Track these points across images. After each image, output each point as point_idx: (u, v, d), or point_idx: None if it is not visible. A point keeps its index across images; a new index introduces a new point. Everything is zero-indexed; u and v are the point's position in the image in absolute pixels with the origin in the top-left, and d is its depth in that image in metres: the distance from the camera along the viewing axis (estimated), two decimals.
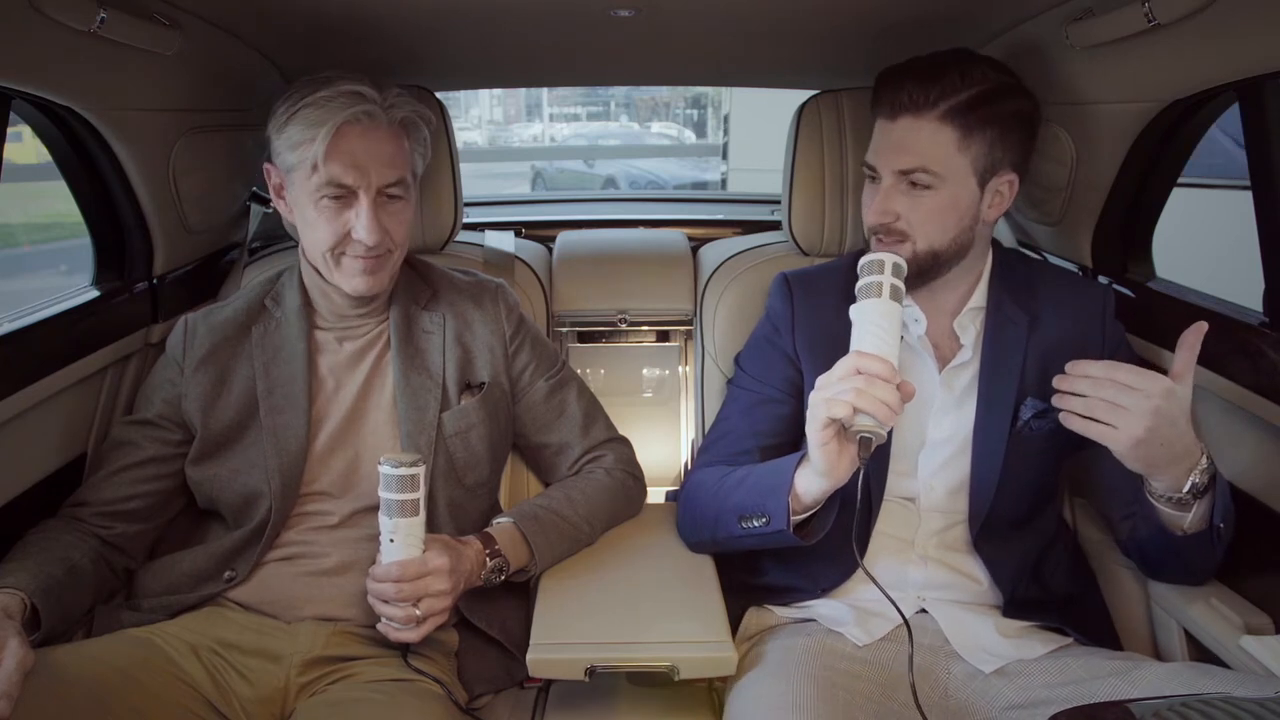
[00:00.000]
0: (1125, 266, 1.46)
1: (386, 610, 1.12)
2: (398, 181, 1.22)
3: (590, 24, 1.40)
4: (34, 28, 1.01)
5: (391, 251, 1.25)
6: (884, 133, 1.21)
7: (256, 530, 1.22)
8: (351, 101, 1.17)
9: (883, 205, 1.21)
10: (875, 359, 1.01)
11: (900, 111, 1.18)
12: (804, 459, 1.11)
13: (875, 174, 1.24)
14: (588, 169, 10.05)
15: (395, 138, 1.22)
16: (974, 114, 1.16)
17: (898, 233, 1.21)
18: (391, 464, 1.08)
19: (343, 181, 1.18)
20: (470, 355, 1.33)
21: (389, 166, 1.20)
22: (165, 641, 1.12)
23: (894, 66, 1.22)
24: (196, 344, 1.29)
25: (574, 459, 1.41)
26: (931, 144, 1.17)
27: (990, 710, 1.13)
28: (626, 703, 1.21)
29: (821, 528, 1.14)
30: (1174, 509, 1.10)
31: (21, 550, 1.15)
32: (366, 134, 1.19)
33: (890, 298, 1.05)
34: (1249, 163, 1.19)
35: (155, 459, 1.27)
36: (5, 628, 0.96)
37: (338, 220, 1.20)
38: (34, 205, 7.30)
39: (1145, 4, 1.06)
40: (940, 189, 1.18)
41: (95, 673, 1.02)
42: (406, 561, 1.11)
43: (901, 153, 1.19)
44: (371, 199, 1.19)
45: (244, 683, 1.13)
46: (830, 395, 1.01)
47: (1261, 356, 1.15)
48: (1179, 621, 1.23)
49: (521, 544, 1.24)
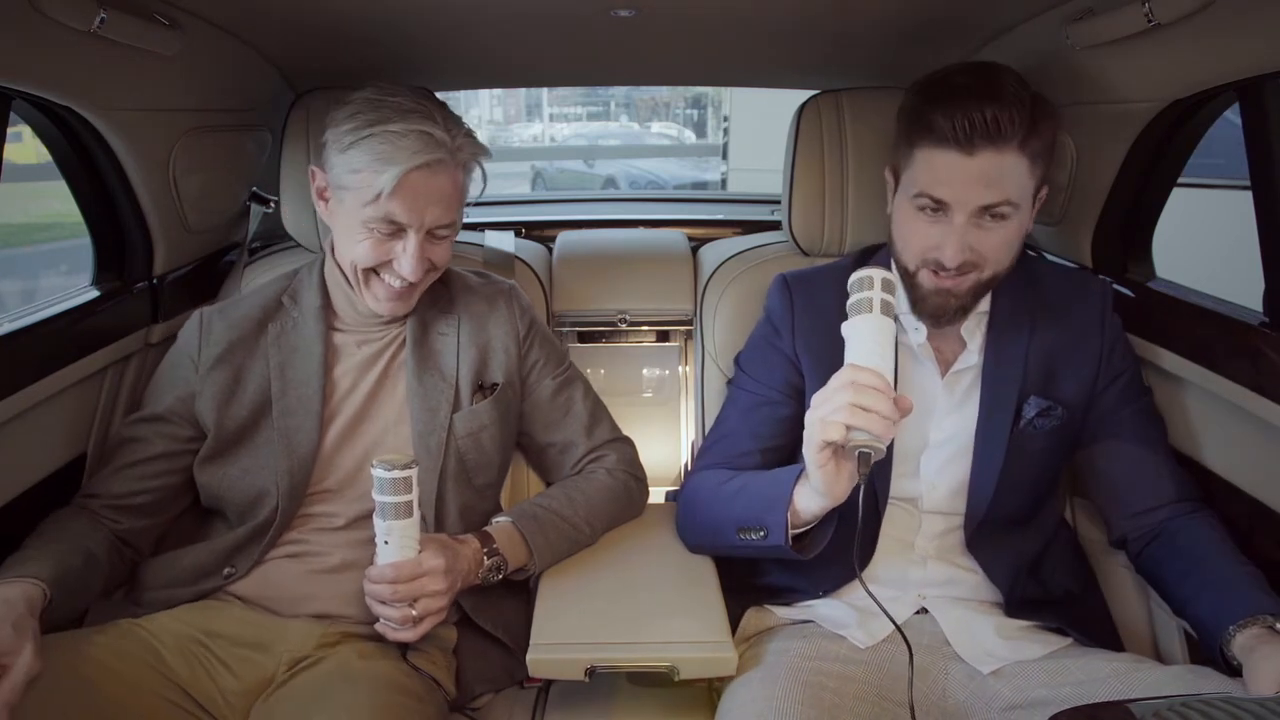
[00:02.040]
0: (1125, 266, 1.46)
1: (383, 610, 1.12)
2: (450, 224, 1.23)
3: (590, 24, 1.40)
4: (34, 28, 1.01)
5: (426, 276, 1.25)
6: (956, 165, 1.11)
7: (260, 528, 1.22)
8: (424, 146, 1.16)
9: (963, 243, 1.13)
10: (867, 371, 0.98)
11: (980, 144, 1.09)
12: (803, 473, 1.11)
13: (943, 207, 1.14)
14: (588, 169, 10.05)
15: (455, 180, 1.22)
16: (1039, 140, 1.12)
17: (970, 265, 1.15)
18: (385, 467, 1.08)
19: (398, 220, 1.18)
20: (485, 356, 1.34)
21: (445, 209, 1.21)
22: (151, 633, 1.12)
23: (941, 87, 1.14)
24: (212, 341, 1.29)
25: (577, 458, 1.41)
26: (1014, 176, 1.11)
27: (989, 711, 1.13)
28: (626, 703, 1.21)
29: (819, 543, 1.14)
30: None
31: (41, 537, 1.14)
32: (430, 179, 1.18)
33: (881, 313, 1.02)
34: (1249, 163, 1.19)
35: (164, 455, 1.26)
36: (24, 630, 0.97)
37: (382, 248, 1.20)
38: (34, 205, 7.30)
39: (1145, 4, 1.06)
40: (1014, 218, 1.14)
41: (72, 664, 1.02)
42: (401, 563, 1.11)
43: (987, 188, 1.11)
44: (421, 238, 1.20)
45: (228, 673, 1.13)
46: (824, 415, 0.99)
47: (1261, 356, 1.15)
48: (1179, 622, 1.23)
49: (520, 543, 1.24)
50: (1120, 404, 1.27)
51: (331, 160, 1.21)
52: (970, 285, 1.17)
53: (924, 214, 1.16)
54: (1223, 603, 1.08)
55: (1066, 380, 1.25)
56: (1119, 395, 1.27)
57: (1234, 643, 1.03)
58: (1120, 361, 1.27)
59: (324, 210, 1.27)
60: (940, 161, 1.12)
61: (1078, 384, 1.25)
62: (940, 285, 1.18)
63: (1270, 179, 1.16)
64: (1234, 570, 1.13)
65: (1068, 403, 1.24)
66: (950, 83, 1.14)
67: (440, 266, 1.26)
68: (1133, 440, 1.26)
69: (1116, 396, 1.26)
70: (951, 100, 1.11)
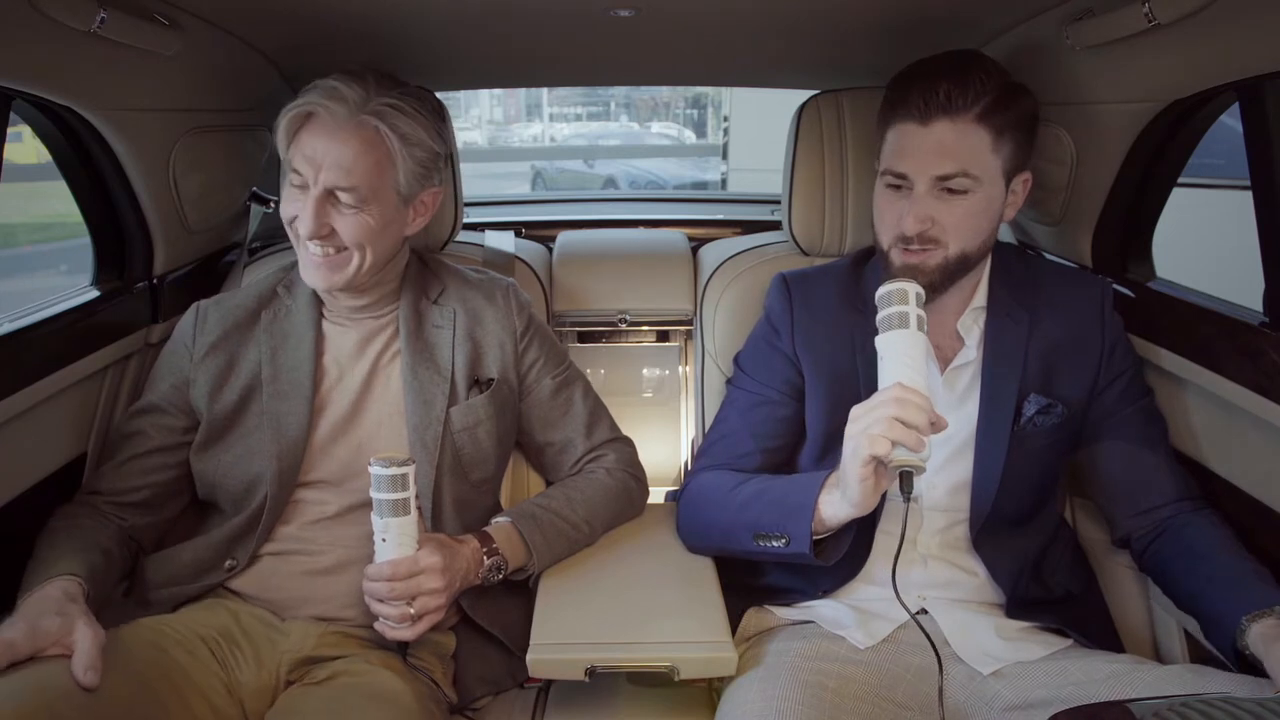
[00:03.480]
0: (1125, 266, 1.46)
1: (381, 609, 1.12)
2: (349, 188, 1.18)
3: (590, 24, 1.40)
4: (34, 28, 1.01)
5: (347, 252, 1.22)
6: (914, 137, 1.16)
7: (253, 517, 1.22)
8: (326, 96, 1.18)
9: (922, 213, 1.16)
10: (914, 391, 1.00)
11: (935, 114, 1.13)
12: (826, 482, 1.11)
13: (904, 181, 1.18)
14: (588, 169, 10.06)
15: (363, 141, 1.18)
16: (1004, 113, 1.14)
17: (931, 240, 1.17)
18: (382, 464, 1.08)
19: (297, 168, 1.19)
20: (480, 351, 1.34)
21: (343, 172, 1.18)
22: (175, 632, 1.13)
23: (911, 68, 1.19)
24: (207, 329, 1.30)
25: (577, 458, 1.41)
26: (970, 146, 1.14)
27: (989, 712, 1.13)
28: (626, 703, 1.22)
29: (839, 549, 1.14)
30: None
31: (55, 538, 1.15)
32: (330, 134, 1.18)
33: (917, 328, 1.03)
34: (1249, 163, 1.19)
35: (161, 448, 1.27)
36: (70, 611, 0.99)
37: (293, 204, 1.21)
38: (34, 205, 7.31)
39: (1145, 4, 1.06)
40: (976, 192, 1.16)
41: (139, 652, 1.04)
42: (398, 560, 1.11)
43: (941, 157, 1.14)
44: (318, 194, 1.18)
45: (233, 671, 1.14)
46: (866, 429, 1.00)
47: (1261, 356, 1.15)
48: (1179, 621, 1.23)
49: (519, 543, 1.24)
50: (1121, 404, 1.27)
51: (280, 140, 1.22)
52: (938, 262, 1.18)
53: (891, 191, 1.21)
54: (1233, 595, 1.08)
55: (1066, 378, 1.25)
56: (1120, 395, 1.27)
57: (1248, 634, 1.03)
58: (1121, 361, 1.27)
59: None
60: (902, 135, 1.17)
61: (1078, 383, 1.25)
62: (907, 261, 1.19)
63: (1270, 179, 1.16)
64: (1241, 565, 1.13)
65: (1068, 401, 1.24)
66: (921, 64, 1.19)
67: (352, 245, 1.21)
68: (1135, 440, 1.26)
69: (1117, 396, 1.27)
70: (915, 77, 1.17)
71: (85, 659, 0.95)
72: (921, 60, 1.20)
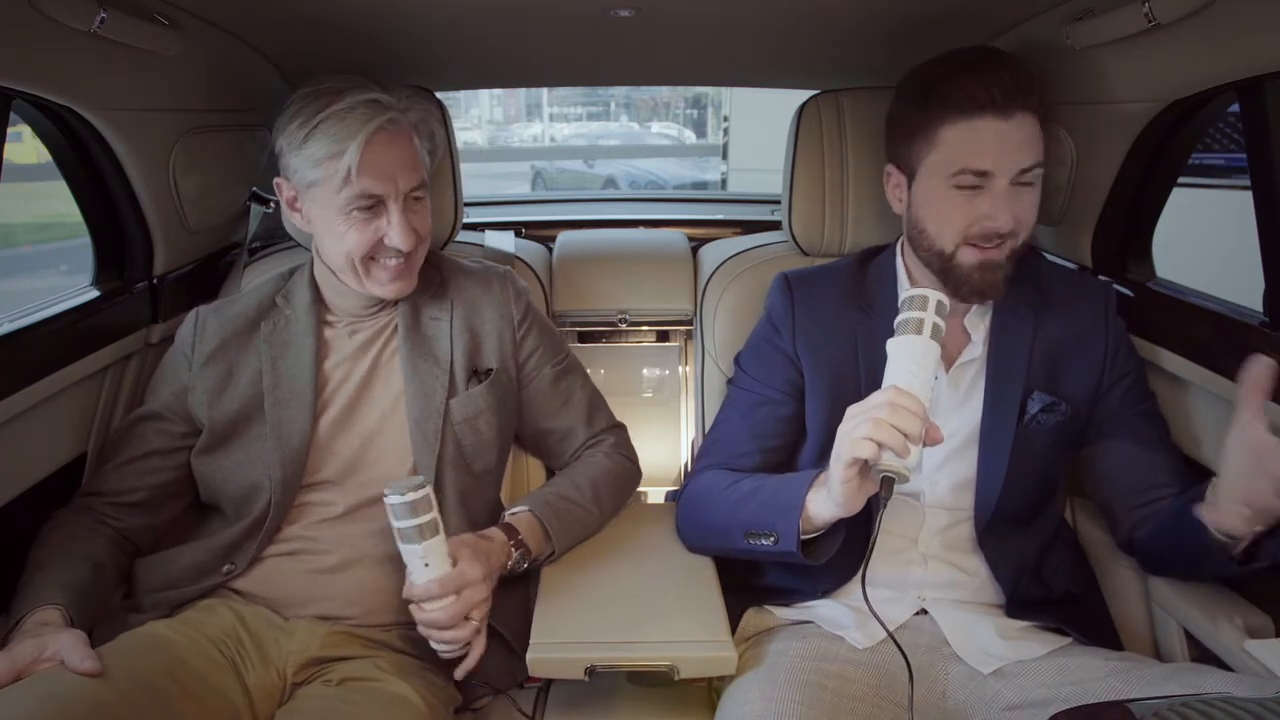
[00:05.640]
0: (1125, 267, 1.46)
1: (445, 636, 1.11)
2: (420, 184, 1.24)
3: (590, 24, 1.40)
4: (34, 28, 1.01)
5: (418, 249, 1.26)
6: (992, 133, 1.13)
7: (255, 523, 1.22)
8: (374, 111, 1.17)
9: (1010, 209, 1.14)
10: (909, 396, 0.98)
11: (1012, 107, 1.12)
12: (815, 481, 1.11)
13: (983, 179, 1.15)
14: (588, 169, 10.04)
15: (412, 140, 1.24)
16: (1043, 105, 1.16)
17: (1008, 234, 1.16)
18: (398, 493, 1.05)
19: (374, 192, 1.18)
20: (479, 341, 1.34)
21: (413, 171, 1.22)
22: (183, 636, 1.12)
23: (948, 65, 1.17)
24: (206, 338, 1.30)
25: (578, 445, 1.43)
26: (1038, 137, 1.16)
27: (989, 711, 1.12)
28: (626, 702, 1.22)
29: (829, 549, 1.14)
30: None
31: (45, 553, 1.15)
32: (392, 142, 1.19)
33: (930, 336, 1.02)
34: (1249, 163, 1.19)
35: (158, 451, 1.27)
36: (43, 632, 1.01)
37: (369, 229, 1.21)
38: (34, 205, 7.30)
39: (1145, 4, 1.06)
40: (1037, 184, 1.18)
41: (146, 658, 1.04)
42: (445, 578, 1.09)
43: (1023, 150, 1.14)
44: (401, 206, 1.20)
45: (240, 673, 1.13)
46: (855, 431, 0.99)
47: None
48: (1179, 621, 1.23)
49: (540, 532, 1.26)
50: (1124, 405, 1.26)
51: (292, 164, 1.21)
52: (1009, 253, 1.18)
53: (962, 191, 1.17)
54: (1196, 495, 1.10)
55: (1070, 377, 1.25)
56: (1123, 397, 1.26)
57: (1204, 513, 1.06)
58: (1124, 363, 1.27)
59: (301, 221, 1.27)
60: (975, 131, 1.14)
61: (1081, 382, 1.25)
62: (986, 258, 1.18)
63: (1270, 179, 1.16)
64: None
65: (1071, 399, 1.24)
66: (958, 59, 1.17)
67: (425, 235, 1.26)
68: (1138, 441, 1.25)
69: (1121, 398, 1.26)
70: (974, 70, 1.14)
71: (76, 653, 0.96)
72: (951, 55, 1.18)
